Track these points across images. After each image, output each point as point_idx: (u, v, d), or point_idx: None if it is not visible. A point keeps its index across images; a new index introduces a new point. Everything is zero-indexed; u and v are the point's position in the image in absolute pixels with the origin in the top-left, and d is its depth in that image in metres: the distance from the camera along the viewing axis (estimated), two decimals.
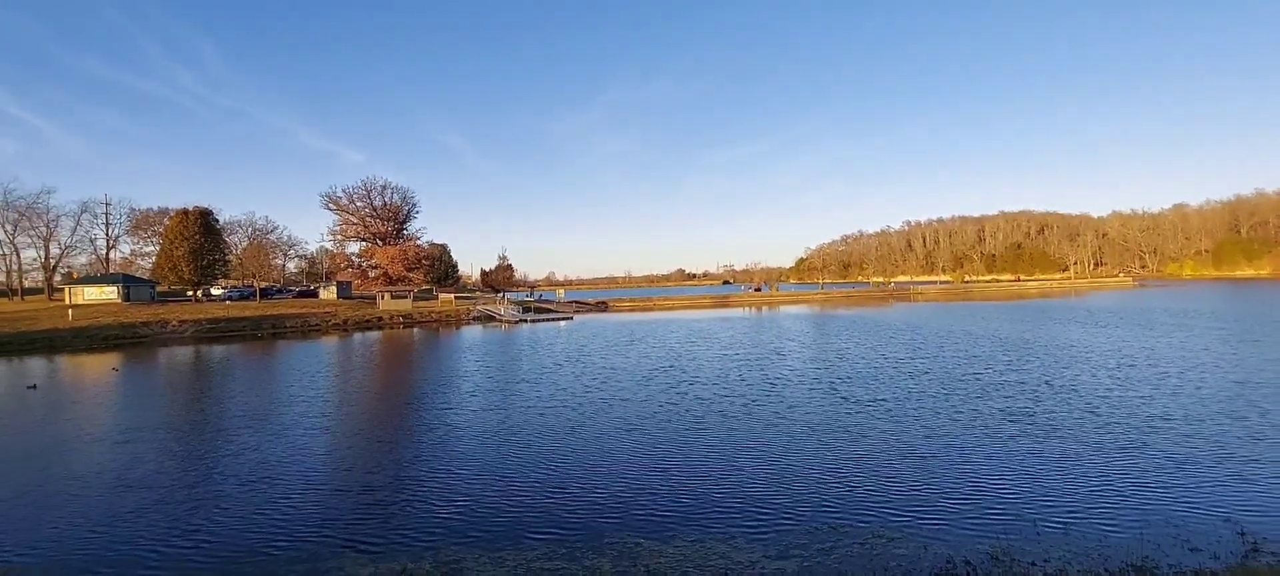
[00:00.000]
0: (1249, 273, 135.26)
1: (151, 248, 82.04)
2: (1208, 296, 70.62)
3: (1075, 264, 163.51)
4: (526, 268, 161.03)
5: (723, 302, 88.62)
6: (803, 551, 8.84)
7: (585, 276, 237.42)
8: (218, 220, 72.17)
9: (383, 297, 70.72)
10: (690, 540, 9.31)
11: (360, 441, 15.95)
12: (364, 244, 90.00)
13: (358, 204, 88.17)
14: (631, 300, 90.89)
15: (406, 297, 71.99)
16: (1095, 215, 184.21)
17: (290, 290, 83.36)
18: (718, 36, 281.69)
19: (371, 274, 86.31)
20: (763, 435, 15.24)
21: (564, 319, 65.24)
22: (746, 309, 77.38)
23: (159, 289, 72.37)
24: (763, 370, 25.35)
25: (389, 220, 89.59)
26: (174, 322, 53.12)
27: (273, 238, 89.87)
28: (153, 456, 14.94)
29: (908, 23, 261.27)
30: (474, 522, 10.23)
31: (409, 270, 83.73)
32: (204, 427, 18.09)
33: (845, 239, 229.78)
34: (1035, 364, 24.78)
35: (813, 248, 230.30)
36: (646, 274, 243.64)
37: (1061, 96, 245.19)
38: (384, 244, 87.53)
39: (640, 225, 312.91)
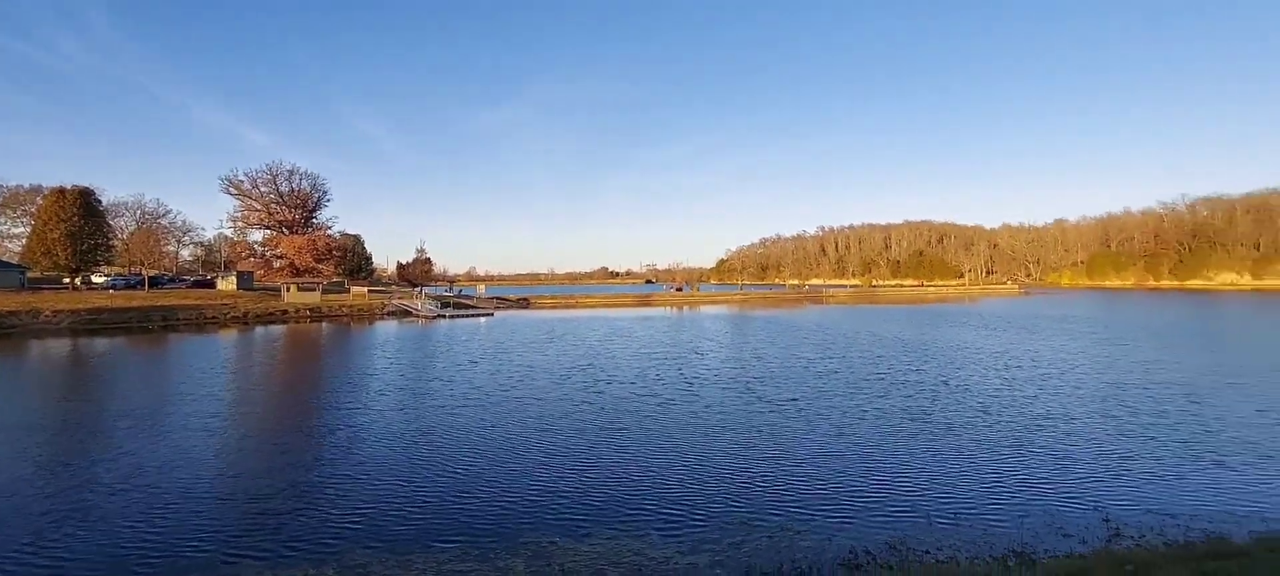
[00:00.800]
0: (1117, 282, 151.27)
1: (22, 228, 73.03)
2: (1083, 303, 78.17)
3: (970, 271, 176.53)
4: (446, 262, 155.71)
5: (645, 301, 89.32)
6: (714, 545, 9.01)
7: (507, 272, 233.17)
8: (101, 201, 65.36)
9: (288, 289, 66.42)
10: (605, 538, 9.28)
11: (255, 445, 14.85)
12: (268, 232, 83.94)
13: (262, 189, 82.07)
14: (554, 297, 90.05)
15: (315, 290, 67.93)
16: (988, 227, 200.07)
17: (184, 279, 76.67)
18: (647, 39, 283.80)
19: (276, 264, 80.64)
20: (679, 433, 15.43)
21: (484, 315, 63.69)
22: (668, 308, 78.35)
23: (30, 275, 64.63)
24: (681, 369, 25.72)
25: (296, 208, 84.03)
26: (47, 312, 47.64)
27: (164, 222, 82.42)
28: (7, 461, 13.30)
29: (825, 39, 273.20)
30: (380, 528, 9.75)
31: (318, 261, 78.83)
32: (74, 429, 16.28)
33: (764, 242, 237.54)
34: (933, 365, 26.49)
35: (733, 249, 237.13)
36: (570, 271, 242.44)
37: (960, 116, 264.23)
38: (290, 233, 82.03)
39: (565, 222, 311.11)
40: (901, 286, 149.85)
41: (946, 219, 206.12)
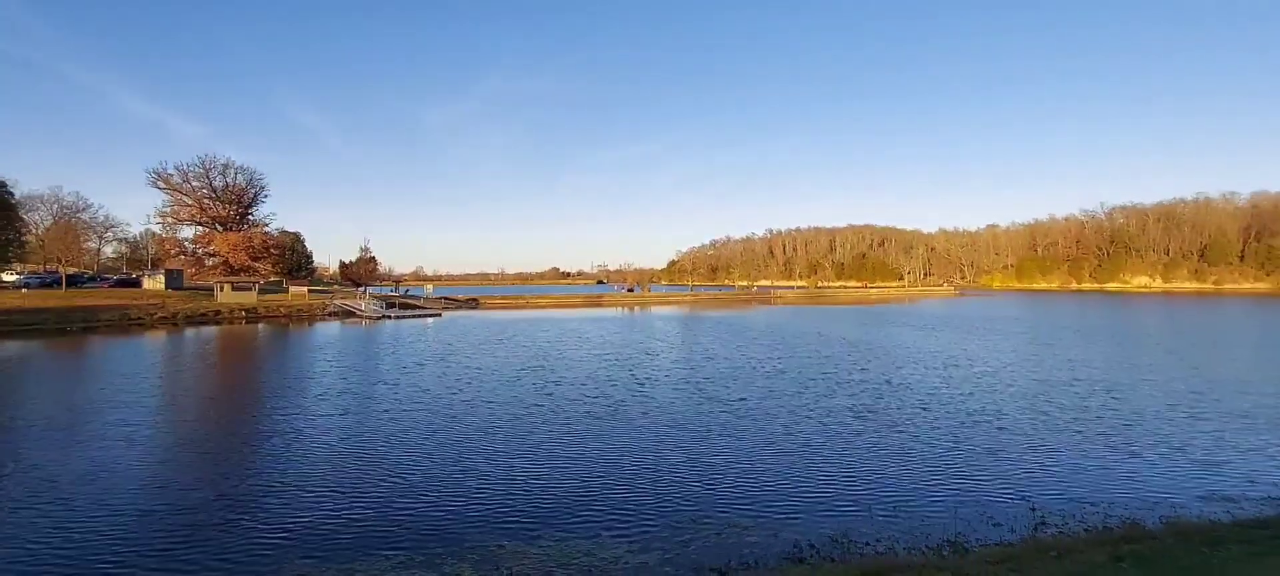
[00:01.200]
0: (1043, 285, 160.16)
1: None
2: (1011, 305, 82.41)
3: (909, 273, 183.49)
4: (392, 261, 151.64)
5: (596, 302, 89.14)
6: (664, 544, 9.07)
7: (456, 272, 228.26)
8: (13, 194, 60.51)
9: (222, 289, 63.19)
10: (555, 540, 9.21)
11: (182, 454, 14.05)
12: (200, 229, 79.56)
13: (194, 183, 77.64)
14: (504, 298, 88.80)
15: (251, 290, 64.86)
16: (926, 231, 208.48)
17: (107, 278, 71.77)
18: (600, 38, 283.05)
19: (209, 262, 76.52)
20: (630, 434, 15.46)
21: (431, 315, 62.22)
22: (619, 309, 78.40)
23: None
24: (632, 370, 25.78)
25: (231, 203, 79.95)
26: None
27: (85, 217, 76.92)
28: None
29: (774, 45, 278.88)
30: (319, 537, 9.38)
31: (254, 260, 75.26)
32: None
33: (714, 244, 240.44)
34: (877, 365, 27.42)
35: (684, 250, 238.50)
36: (520, 271, 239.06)
37: (901, 124, 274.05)
38: (225, 229, 78.03)
39: (515, 221, 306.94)
40: (846, 287, 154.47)
41: (888, 223, 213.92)
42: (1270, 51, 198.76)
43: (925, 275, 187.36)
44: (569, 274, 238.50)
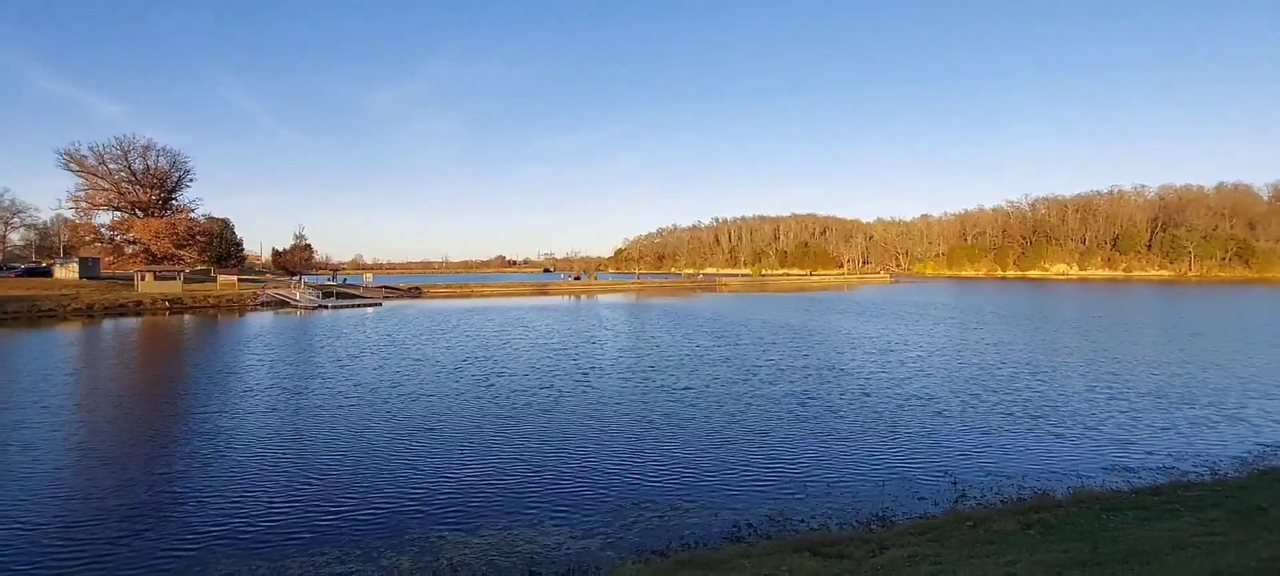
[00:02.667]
0: (971, 272, 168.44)
1: None
2: (943, 292, 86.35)
3: (848, 261, 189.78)
4: (330, 250, 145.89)
5: (542, 290, 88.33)
6: (607, 529, 9.16)
7: (398, 260, 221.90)
8: None
9: (144, 278, 59.38)
10: (497, 529, 9.16)
11: (94, 459, 13.08)
12: (119, 214, 74.33)
13: (111, 166, 72.30)
14: (448, 286, 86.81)
15: (175, 279, 61.23)
16: (865, 221, 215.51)
17: (13, 268, 66.16)
18: (548, 26, 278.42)
19: (129, 250, 71.65)
20: (575, 423, 15.49)
21: (371, 305, 60.30)
22: (566, 297, 78.04)
23: None
24: (578, 359, 25.76)
25: (153, 187, 74.95)
26: None
27: None
28: None
29: (720, 36, 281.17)
30: (249, 537, 9.01)
31: (179, 247, 70.99)
32: None
33: (660, 232, 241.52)
34: (817, 351, 28.33)
35: (630, 238, 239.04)
36: (465, 260, 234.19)
37: (842, 114, 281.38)
38: (146, 215, 73.19)
39: (460, 209, 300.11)
40: (789, 275, 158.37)
41: (829, 212, 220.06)
42: (1175, 54, 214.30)
43: (864, 263, 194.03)
44: (515, 262, 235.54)
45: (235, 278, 70.12)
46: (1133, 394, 18.32)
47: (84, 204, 73.80)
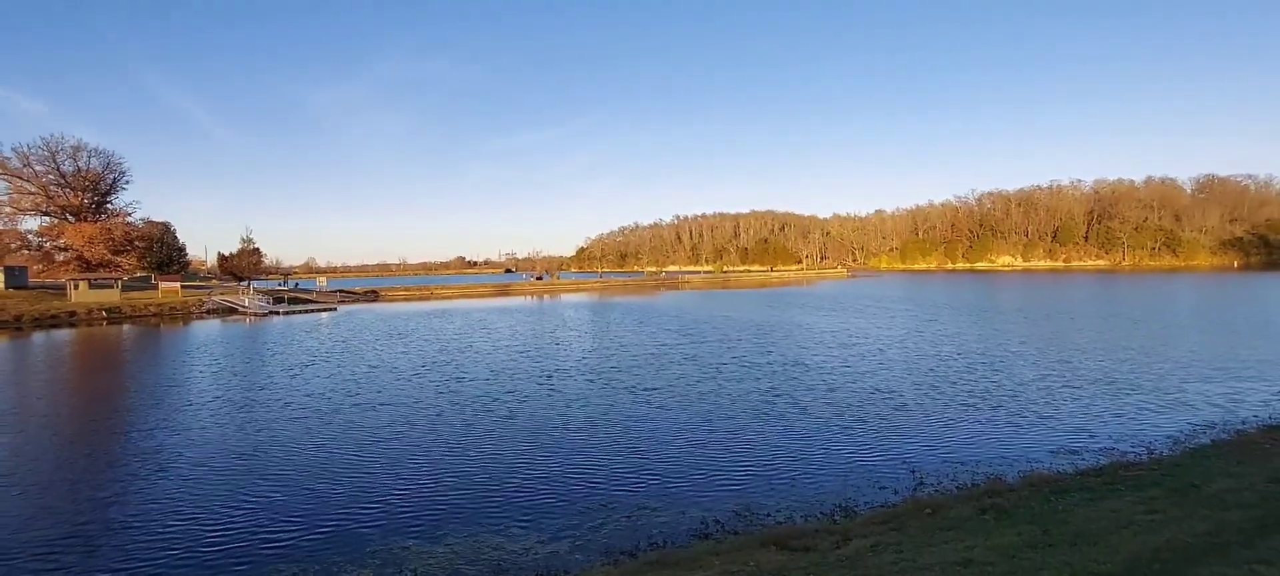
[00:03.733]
0: (923, 265, 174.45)
1: None
2: (897, 285, 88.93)
3: (807, 257, 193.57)
4: (280, 253, 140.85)
5: (504, 291, 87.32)
6: (574, 531, 9.10)
7: (354, 263, 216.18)
8: None
9: (77, 287, 56.16)
10: (462, 536, 8.99)
11: (17, 484, 12.31)
12: (48, 219, 70.08)
13: (37, 168, 67.87)
14: (406, 289, 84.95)
15: (112, 287, 58.10)
16: (822, 217, 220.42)
17: None
18: (504, 22, 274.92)
19: (60, 258, 67.41)
20: (540, 427, 15.33)
21: (325, 310, 58.50)
22: (528, 297, 77.31)
23: None
24: (542, 361, 25.52)
25: (85, 191, 70.79)
26: None
27: None
28: None
29: (678, 32, 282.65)
30: (194, 561, 8.58)
31: (115, 254, 67.19)
32: None
33: (623, 230, 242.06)
34: (780, 347, 28.77)
35: (593, 237, 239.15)
36: (424, 261, 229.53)
37: (801, 110, 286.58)
38: (78, 220, 69.20)
39: (418, 210, 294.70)
40: (750, 271, 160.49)
41: (788, 209, 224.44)
42: (1107, 52, 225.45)
43: (822, 258, 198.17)
44: (475, 263, 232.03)
45: (178, 284, 67.02)
46: (1077, 380, 19.18)
47: (8, 209, 69.31)
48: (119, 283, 60.18)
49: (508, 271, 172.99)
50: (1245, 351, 23.48)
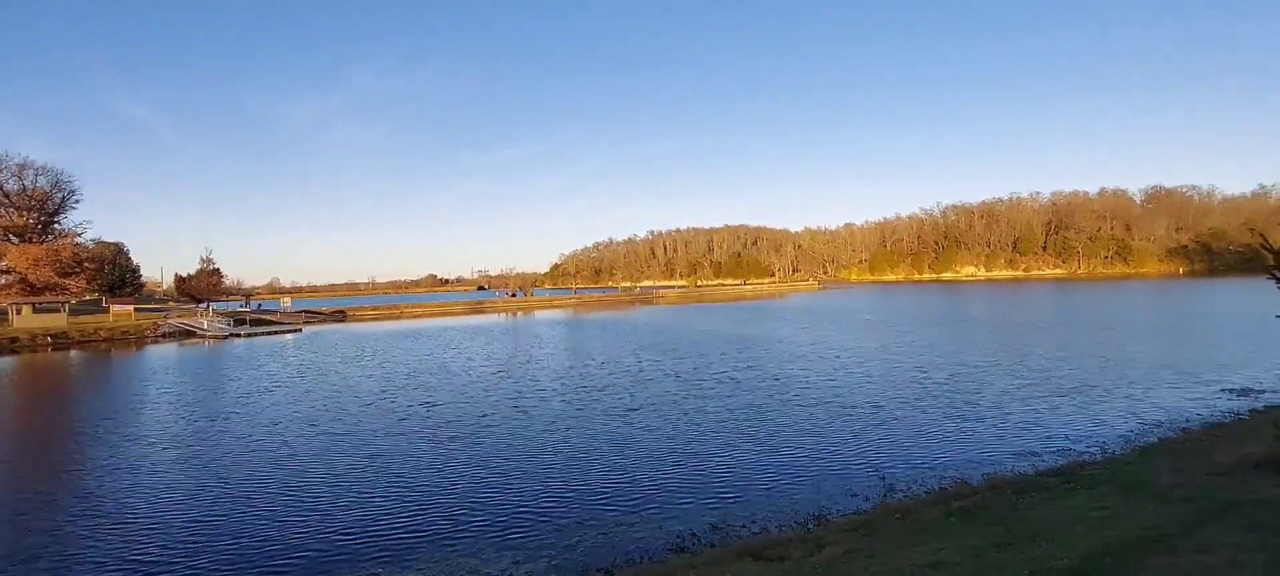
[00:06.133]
0: (892, 276, 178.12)
1: None
2: (867, 296, 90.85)
3: (779, 270, 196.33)
4: (242, 274, 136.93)
5: (478, 309, 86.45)
6: (551, 549, 9.07)
7: (321, 283, 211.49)
8: None
9: (19, 312, 53.83)
10: (434, 560, 8.88)
11: None
12: None
13: None
14: (376, 308, 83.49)
15: (59, 311, 55.87)
16: (793, 230, 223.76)
17: None
18: (475, 39, 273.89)
19: (2, 281, 64.89)
20: (513, 446, 15.26)
21: (290, 331, 57.11)
22: (502, 315, 76.69)
23: None
24: (516, 380, 25.35)
25: (31, 210, 68.18)
26: None
27: None
28: None
29: (650, 48, 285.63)
30: None
31: (63, 276, 64.59)
32: None
33: (597, 246, 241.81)
34: (754, 361, 29.11)
35: (567, 254, 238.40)
36: (394, 279, 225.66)
37: (771, 126, 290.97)
38: (22, 241, 66.50)
39: (388, 227, 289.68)
40: (723, 285, 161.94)
41: (760, 223, 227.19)
42: (1061, 65, 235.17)
43: (794, 271, 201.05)
44: (448, 280, 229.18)
45: (132, 307, 64.68)
46: (1038, 385, 19.83)
47: None
48: (66, 306, 57.91)
49: (481, 289, 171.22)
50: (1188, 354, 24.61)
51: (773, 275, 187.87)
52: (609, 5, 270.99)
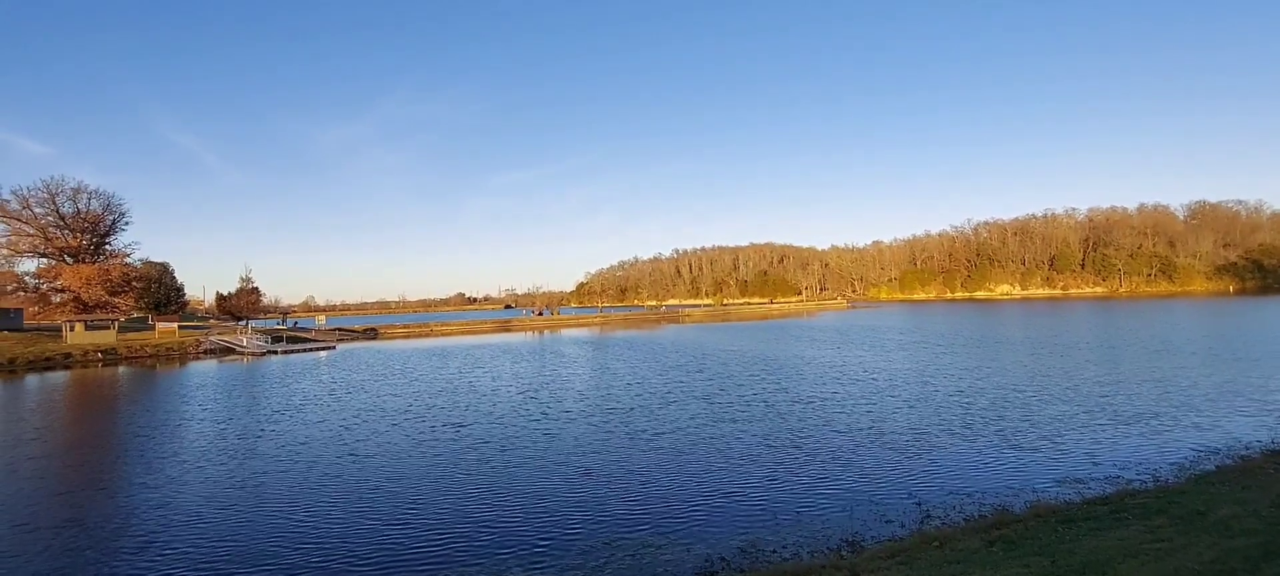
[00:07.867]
0: (922, 295, 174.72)
1: None
2: (898, 315, 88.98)
3: (806, 288, 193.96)
4: (279, 292, 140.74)
5: (505, 327, 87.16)
6: (578, 570, 8.97)
7: (353, 301, 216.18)
8: None
9: (73, 329, 56.03)
10: None
11: (11, 528, 12.25)
12: (45, 261, 70.24)
13: (36, 210, 68.26)
14: (406, 326, 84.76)
15: (109, 328, 58.00)
16: (820, 249, 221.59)
17: None
18: (502, 62, 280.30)
19: (56, 299, 67.51)
20: (541, 465, 15.23)
21: (324, 349, 58.27)
22: (529, 333, 77.16)
23: None
24: (544, 398, 25.38)
25: (84, 232, 71.17)
26: None
27: None
28: None
29: (673, 69, 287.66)
30: None
31: (113, 294, 67.16)
32: None
33: (622, 264, 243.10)
34: (783, 382, 28.70)
35: (592, 272, 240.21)
36: (423, 298, 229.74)
37: (798, 144, 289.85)
38: (76, 261, 69.45)
39: (417, 247, 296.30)
40: (750, 304, 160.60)
41: (786, 241, 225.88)
42: (1098, 84, 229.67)
43: (821, 289, 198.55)
44: (475, 299, 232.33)
45: (175, 325, 66.87)
46: (1083, 409, 19.08)
47: (6, 251, 69.53)
48: (116, 323, 60.09)
49: (508, 307, 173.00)
50: (1246, 377, 23.43)
51: (800, 293, 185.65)
52: (632, 28, 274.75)
